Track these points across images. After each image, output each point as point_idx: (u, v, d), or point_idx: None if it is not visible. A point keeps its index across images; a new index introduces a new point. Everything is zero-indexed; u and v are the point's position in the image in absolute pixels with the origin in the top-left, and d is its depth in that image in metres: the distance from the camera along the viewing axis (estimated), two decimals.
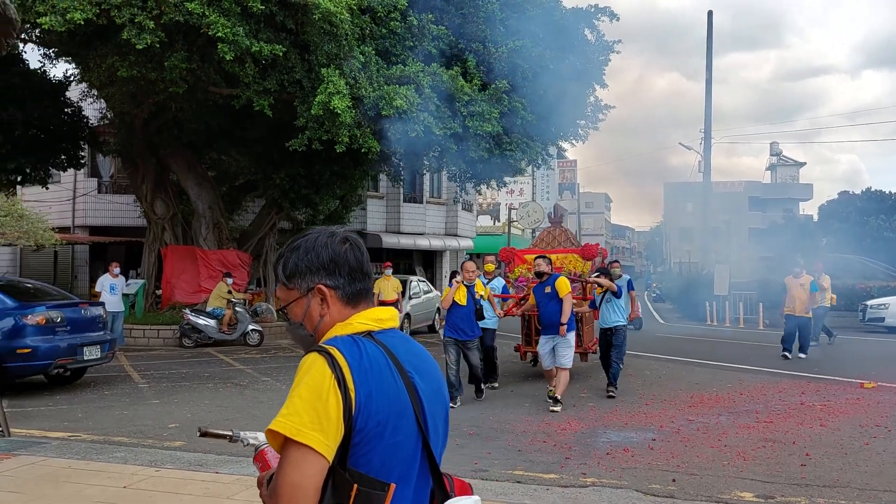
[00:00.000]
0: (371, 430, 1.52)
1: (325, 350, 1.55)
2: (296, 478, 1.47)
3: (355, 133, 12.32)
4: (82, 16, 10.21)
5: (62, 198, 25.35)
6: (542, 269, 9.12)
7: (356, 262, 1.70)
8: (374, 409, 1.52)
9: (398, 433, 1.56)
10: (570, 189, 68.19)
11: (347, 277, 1.69)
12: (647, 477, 6.02)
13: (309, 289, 1.68)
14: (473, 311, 9.14)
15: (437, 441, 1.70)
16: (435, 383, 1.73)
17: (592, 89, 20.04)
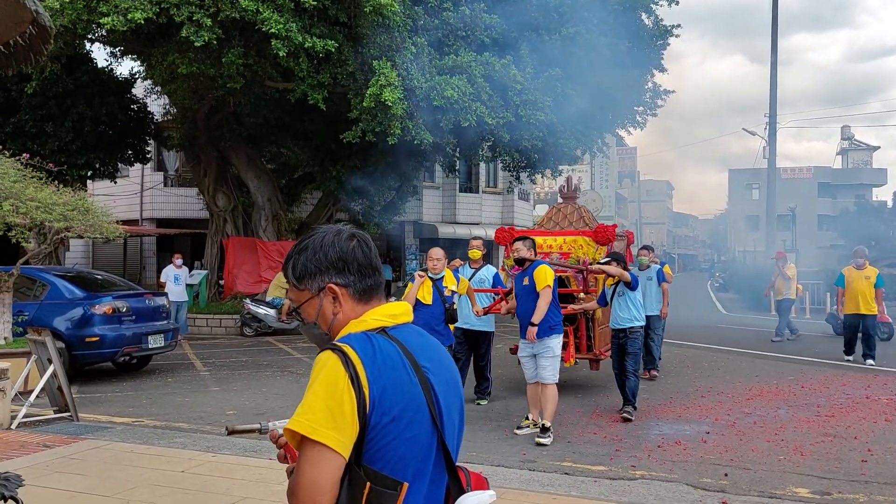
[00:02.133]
0: (385, 425, 1.53)
1: (338, 348, 1.55)
2: (313, 476, 1.49)
3: (408, 124, 12.38)
4: (143, 15, 10.54)
5: (131, 191, 26.30)
6: (521, 254, 7.11)
7: (365, 258, 1.71)
8: (389, 405, 1.53)
9: (413, 428, 1.56)
10: (630, 177, 67.12)
11: (357, 274, 1.69)
12: (699, 471, 5.92)
13: (320, 288, 1.69)
14: (442, 311, 7.30)
15: (453, 435, 1.70)
16: (449, 376, 1.73)
17: (651, 75, 19.73)
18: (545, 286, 6.86)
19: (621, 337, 8.01)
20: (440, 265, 7.36)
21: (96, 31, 13.53)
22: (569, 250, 9.30)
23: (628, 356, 7.97)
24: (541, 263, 7.09)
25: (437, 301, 7.21)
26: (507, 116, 13.33)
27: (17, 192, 7.99)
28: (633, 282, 7.92)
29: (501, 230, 9.45)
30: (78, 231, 8.37)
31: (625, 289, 7.95)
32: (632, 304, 7.96)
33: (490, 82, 13.07)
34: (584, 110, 15.31)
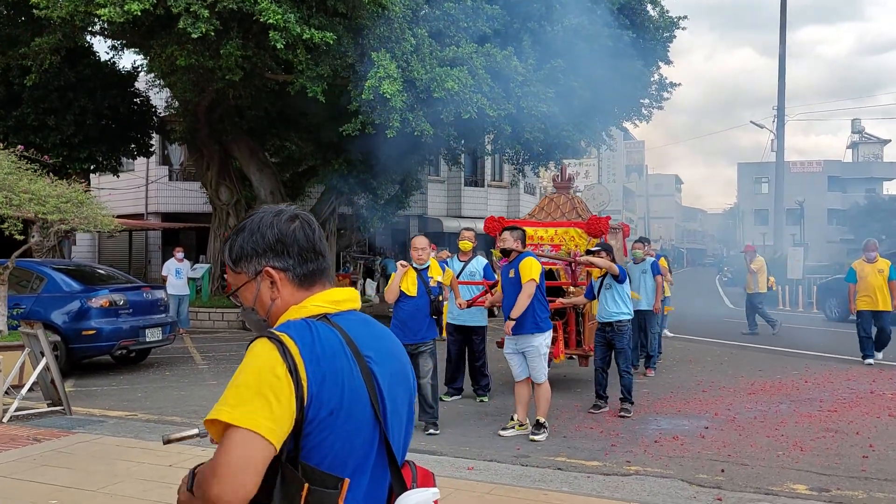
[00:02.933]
0: (323, 419, 1.44)
1: (275, 336, 1.45)
2: (240, 456, 1.36)
3: (407, 117, 12.26)
4: (139, 6, 10.46)
5: (136, 185, 26.31)
6: (507, 244, 6.75)
7: (306, 240, 1.61)
8: (327, 398, 1.44)
9: (352, 422, 1.48)
10: (638, 171, 66.65)
11: (297, 258, 1.60)
12: (695, 466, 5.81)
13: (257, 272, 1.60)
14: (427, 303, 6.86)
15: (398, 429, 1.61)
16: (397, 367, 1.64)
17: (656, 67, 19.53)
18: (529, 279, 6.51)
19: (608, 331, 7.74)
20: (425, 255, 6.94)
21: (95, 24, 13.44)
22: (560, 242, 8.96)
23: (618, 354, 7.72)
24: (527, 255, 6.73)
25: (422, 292, 6.83)
26: (508, 108, 13.20)
27: (11, 184, 7.93)
28: (620, 274, 7.65)
29: (491, 220, 9.05)
30: (72, 223, 8.32)
31: (612, 281, 7.67)
32: (619, 296, 7.68)
33: (491, 74, 12.94)
34: (588, 102, 15.15)
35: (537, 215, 9.71)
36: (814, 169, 64.73)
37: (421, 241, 7.03)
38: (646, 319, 10.24)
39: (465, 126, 13.20)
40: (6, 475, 5.37)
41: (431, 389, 6.89)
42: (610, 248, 7.96)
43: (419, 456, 5.98)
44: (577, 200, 9.83)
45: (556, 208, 9.61)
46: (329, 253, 1.70)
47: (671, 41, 19.39)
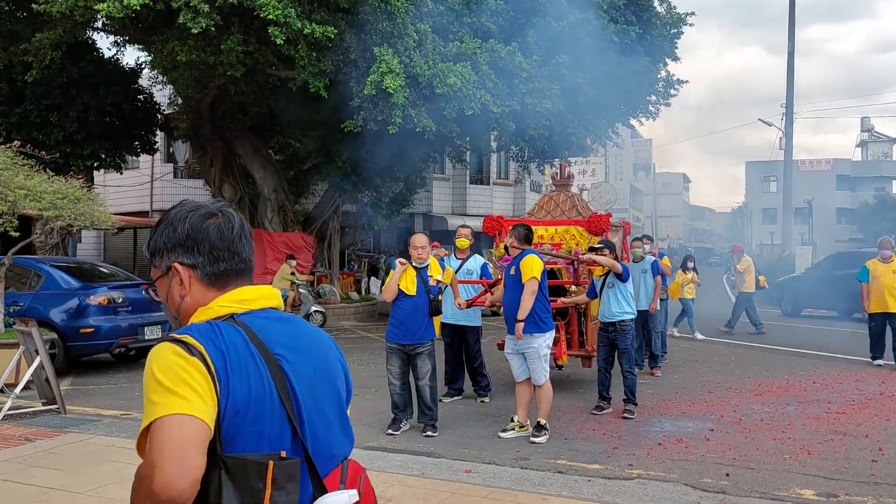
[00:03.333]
0: (231, 417, 1.38)
1: (175, 338, 1.40)
2: (173, 436, 1.29)
3: (410, 113, 12.13)
4: (139, 1, 10.35)
5: (141, 183, 26.27)
6: (510, 242, 6.70)
7: (220, 239, 1.54)
8: (232, 398, 1.38)
9: (259, 423, 1.41)
10: (646, 169, 66.32)
11: (208, 256, 1.54)
12: (699, 470, 5.66)
13: (168, 267, 1.55)
14: (426, 303, 6.61)
15: (322, 429, 1.54)
16: (319, 363, 1.58)
17: (664, 64, 19.32)
18: (531, 277, 6.34)
19: (611, 331, 7.59)
20: (424, 254, 6.71)
21: (96, 19, 13.35)
22: (560, 240, 8.77)
23: (621, 355, 7.58)
24: (529, 253, 6.55)
25: (421, 292, 6.60)
26: (512, 105, 13.04)
27: (6, 179, 7.84)
28: (623, 273, 7.51)
29: (490, 219, 8.89)
30: (69, 220, 8.21)
31: (615, 280, 7.52)
32: (622, 296, 7.53)
33: (495, 70, 12.78)
34: (593, 99, 14.98)
35: (537, 214, 9.49)
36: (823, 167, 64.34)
37: (421, 239, 6.82)
38: (648, 319, 10.06)
39: (468, 122, 13.05)
40: None
41: (430, 391, 6.74)
42: (613, 245, 7.80)
43: (416, 458, 5.86)
44: (576, 198, 9.64)
45: (556, 206, 9.41)
46: (251, 254, 1.61)
47: (679, 38, 19.18)
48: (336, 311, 17.50)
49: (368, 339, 14.17)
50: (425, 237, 6.95)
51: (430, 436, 6.64)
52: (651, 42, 17.68)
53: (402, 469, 5.55)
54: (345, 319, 17.60)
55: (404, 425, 6.84)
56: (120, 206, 27.00)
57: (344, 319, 17.58)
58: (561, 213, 9.27)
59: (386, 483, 5.19)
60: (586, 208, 9.53)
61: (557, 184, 9.75)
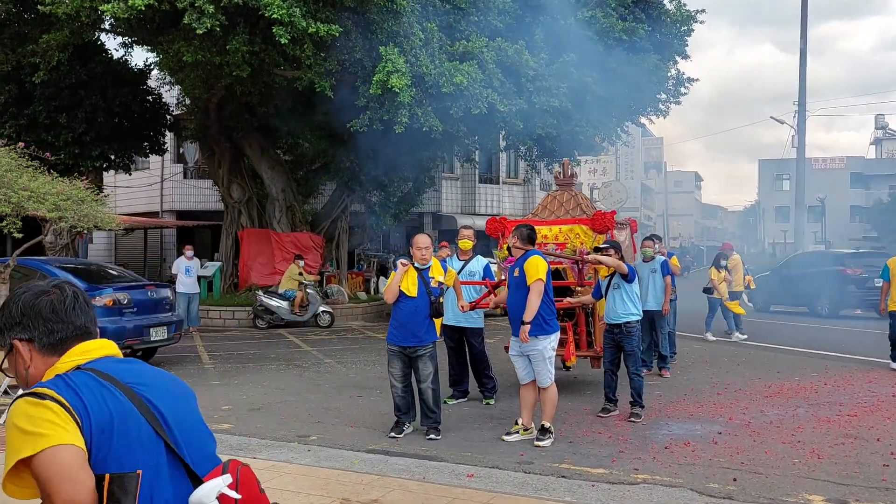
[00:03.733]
0: (97, 441, 1.57)
1: (26, 393, 1.59)
2: (58, 467, 1.49)
3: (416, 112, 12.06)
4: (143, 2, 10.33)
5: (151, 184, 26.35)
6: (513, 243, 6.57)
7: (52, 312, 1.74)
8: (95, 422, 1.57)
9: (128, 438, 1.61)
10: (657, 168, 65.92)
11: (43, 328, 1.72)
12: (706, 474, 5.55)
13: (10, 345, 1.75)
14: (428, 305, 6.49)
15: (190, 434, 1.75)
16: (169, 385, 1.80)
17: (673, 62, 19.17)
18: (536, 279, 6.20)
19: (616, 333, 7.46)
20: (428, 255, 6.58)
21: (104, 20, 13.36)
22: (565, 240, 8.55)
23: (627, 357, 7.46)
24: (533, 254, 6.39)
25: (422, 293, 6.47)
26: (519, 103, 12.94)
27: (10, 181, 7.82)
28: (629, 273, 7.36)
29: (493, 220, 8.71)
30: (72, 221, 8.19)
31: (620, 280, 7.37)
32: (628, 297, 7.39)
33: (502, 68, 12.69)
34: (602, 97, 14.85)
35: (541, 214, 9.25)
36: (836, 165, 63.78)
37: (424, 239, 6.68)
38: (655, 319, 9.91)
39: (475, 122, 12.96)
40: None
41: (432, 394, 6.61)
42: (618, 245, 7.63)
43: (418, 461, 5.79)
44: (580, 196, 9.40)
45: (560, 206, 9.15)
46: (89, 321, 1.79)
47: (689, 35, 19.03)
48: (344, 311, 17.46)
49: (375, 339, 14.11)
50: (428, 238, 6.80)
51: (433, 439, 6.54)
52: (660, 40, 17.54)
53: (404, 473, 5.48)
54: (353, 319, 17.56)
55: (407, 428, 6.72)
56: (131, 207, 27.12)
57: (352, 319, 17.54)
58: (565, 212, 9.02)
59: (386, 487, 5.12)
60: (591, 207, 9.31)
61: (561, 183, 9.50)
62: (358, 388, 9.15)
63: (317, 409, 8.00)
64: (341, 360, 11.43)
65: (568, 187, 9.41)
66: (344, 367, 10.83)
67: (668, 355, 10.23)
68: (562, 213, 9.01)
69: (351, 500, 4.89)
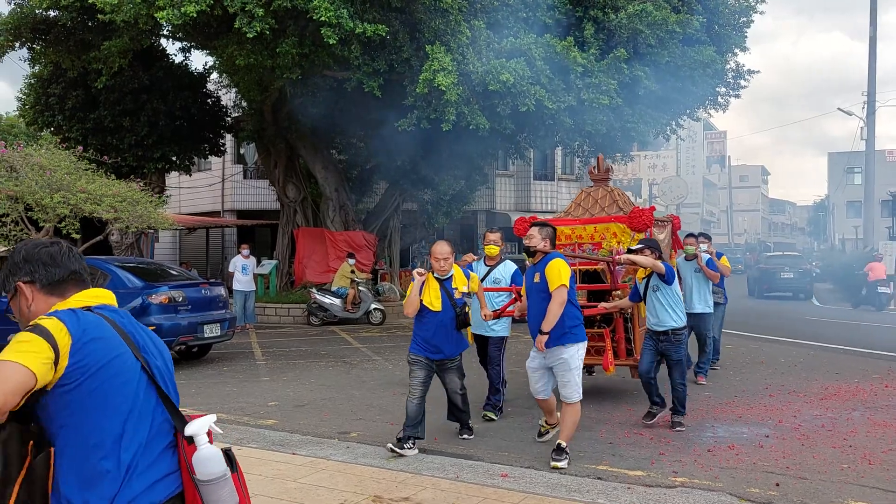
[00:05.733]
0: (94, 372, 1.88)
1: (36, 325, 1.87)
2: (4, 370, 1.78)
3: (463, 110, 12.06)
4: (196, 8, 10.63)
5: (212, 184, 27.10)
6: (532, 242, 5.89)
7: (50, 257, 2.03)
8: (96, 356, 1.89)
9: (122, 374, 1.94)
10: (720, 162, 64.31)
11: (43, 270, 2.00)
12: (748, 479, 5.41)
13: (14, 288, 2.02)
14: (453, 317, 6.05)
15: (169, 380, 2.12)
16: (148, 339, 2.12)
17: (732, 54, 18.66)
18: (559, 286, 5.62)
19: (662, 340, 6.88)
20: (448, 265, 6.06)
21: (162, 27, 13.80)
22: (601, 239, 7.95)
23: (673, 367, 6.88)
24: (555, 256, 5.78)
25: (446, 306, 6.02)
26: (568, 100, 12.80)
27: (68, 184, 8.16)
28: (667, 274, 6.73)
29: (521, 220, 7.88)
30: (126, 222, 8.49)
31: (659, 282, 6.80)
32: (669, 301, 6.80)
33: (550, 65, 12.57)
34: (655, 92, 14.56)
35: (573, 212, 8.60)
36: None
37: (443, 248, 6.10)
38: (699, 323, 9.04)
39: (522, 119, 12.88)
40: None
41: (461, 398, 6.34)
42: (656, 244, 7.05)
43: (453, 460, 5.80)
44: (617, 192, 8.70)
45: (594, 203, 8.51)
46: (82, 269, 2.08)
47: (748, 27, 18.48)
48: (396, 308, 17.60)
49: None
50: (448, 247, 6.18)
51: (466, 438, 6.43)
52: (718, 32, 17.08)
53: (438, 471, 5.50)
54: (404, 317, 17.69)
55: (410, 449, 5.95)
56: (194, 207, 27.94)
57: (403, 317, 17.67)
58: (600, 209, 8.39)
59: (419, 486, 5.16)
60: (628, 203, 8.60)
61: (596, 178, 8.81)
62: (402, 385, 9.20)
63: (360, 405, 8.10)
64: (389, 358, 11.54)
65: (603, 183, 8.77)
66: (391, 364, 10.93)
67: (707, 361, 9.36)
68: (597, 211, 8.40)
69: (383, 497, 4.94)
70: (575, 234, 8.11)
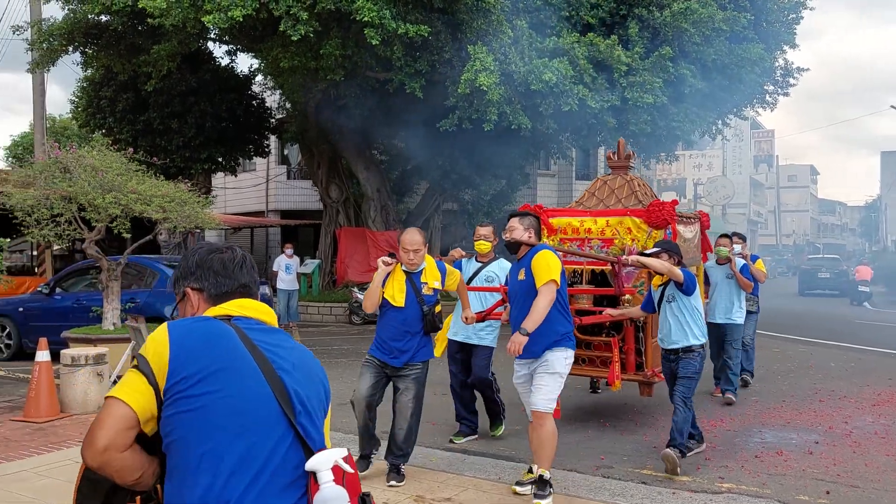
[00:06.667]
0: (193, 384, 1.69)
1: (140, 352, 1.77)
2: (103, 414, 1.69)
3: (505, 110, 12.03)
4: (242, 12, 10.82)
5: (256, 184, 27.54)
6: (514, 235, 4.97)
7: (222, 267, 1.92)
8: (194, 369, 1.70)
9: (225, 390, 1.70)
10: (768, 162, 63.00)
11: (212, 280, 1.90)
12: (797, 486, 5.29)
13: (183, 293, 1.94)
14: (419, 317, 5.15)
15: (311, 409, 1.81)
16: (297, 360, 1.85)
17: (781, 51, 18.29)
18: (548, 280, 4.68)
19: (672, 359, 5.85)
20: (418, 259, 5.12)
21: (210, 31, 14.07)
22: (612, 235, 6.82)
23: (679, 381, 5.75)
24: (541, 248, 4.89)
25: (411, 302, 5.10)
26: (611, 99, 12.69)
27: (120, 184, 8.37)
28: (686, 282, 5.64)
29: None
30: (175, 222, 8.68)
31: (676, 292, 5.75)
32: (688, 314, 5.74)
33: (594, 64, 12.48)
34: (701, 90, 14.34)
35: (586, 202, 7.43)
36: None
37: (413, 238, 5.14)
38: (727, 335, 8.07)
39: (565, 118, 12.79)
40: None
41: (407, 428, 5.17)
42: (675, 247, 5.96)
43: (495, 461, 5.79)
44: (636, 182, 7.52)
45: (611, 193, 7.36)
46: (251, 281, 1.94)
47: (797, 23, 18.09)
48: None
49: None
50: (420, 235, 5.23)
51: (394, 485, 5.09)
52: (766, 29, 16.75)
53: (480, 472, 5.49)
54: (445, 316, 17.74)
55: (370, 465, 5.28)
56: (239, 207, 28.43)
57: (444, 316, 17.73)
58: (616, 200, 7.23)
59: (460, 486, 5.16)
60: (649, 195, 7.46)
61: (614, 165, 7.63)
62: (443, 384, 9.17)
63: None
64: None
65: (623, 171, 7.57)
66: (432, 363, 10.93)
67: (735, 376, 8.20)
68: (613, 202, 7.24)
69: (425, 497, 4.95)
70: (583, 227, 7.01)
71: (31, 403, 7.09)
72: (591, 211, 7.10)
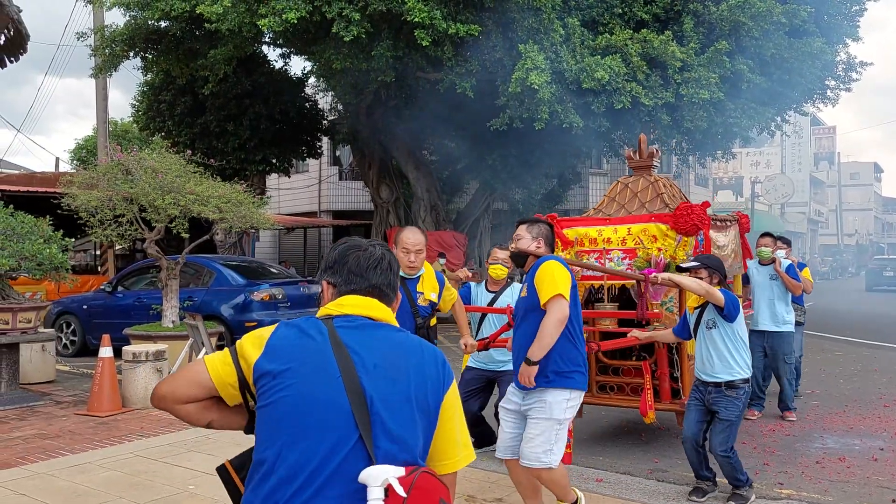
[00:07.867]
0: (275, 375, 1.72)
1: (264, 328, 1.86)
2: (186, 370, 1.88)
3: (556, 108, 11.94)
4: (296, 15, 10.99)
5: (309, 185, 27.97)
6: (522, 245, 4.11)
7: (357, 266, 1.91)
8: (276, 362, 1.73)
9: (289, 389, 1.70)
10: (829, 159, 61.06)
11: (345, 277, 1.90)
12: (860, 494, 5.11)
13: (320, 283, 1.99)
14: (412, 329, 4.40)
15: (390, 417, 1.71)
16: (385, 360, 1.77)
17: (843, 44, 17.73)
18: (554, 295, 3.84)
19: (711, 392, 4.78)
20: (418, 261, 4.47)
21: (264, 34, 14.33)
22: (635, 245, 5.95)
23: (718, 424, 4.75)
24: (548, 259, 4.03)
25: (404, 312, 4.41)
26: (666, 96, 12.47)
27: (178, 186, 8.59)
28: (727, 306, 4.67)
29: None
30: (231, 222, 8.87)
31: (717, 316, 4.77)
32: (730, 343, 4.75)
33: (647, 60, 12.28)
34: (759, 86, 13.99)
35: (606, 208, 6.57)
36: None
37: (415, 238, 4.49)
38: (777, 344, 7.27)
39: (618, 116, 12.63)
40: (157, 458, 5.78)
41: None
42: (718, 262, 4.99)
43: None
44: (662, 183, 6.55)
45: (633, 197, 6.47)
46: (384, 282, 1.91)
47: (861, 15, 17.50)
48: None
49: None
50: (421, 235, 4.57)
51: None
52: (827, 22, 16.25)
53: None
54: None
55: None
56: (292, 208, 28.90)
57: None
58: (640, 205, 6.36)
59: (511, 487, 5.12)
60: (677, 198, 6.58)
61: (635, 165, 6.73)
62: None
63: None
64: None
65: (646, 171, 6.65)
66: None
67: (791, 391, 7.47)
68: (635, 207, 6.35)
69: (476, 497, 4.95)
70: (602, 236, 6.14)
71: (94, 398, 7.34)
72: (611, 219, 6.22)
